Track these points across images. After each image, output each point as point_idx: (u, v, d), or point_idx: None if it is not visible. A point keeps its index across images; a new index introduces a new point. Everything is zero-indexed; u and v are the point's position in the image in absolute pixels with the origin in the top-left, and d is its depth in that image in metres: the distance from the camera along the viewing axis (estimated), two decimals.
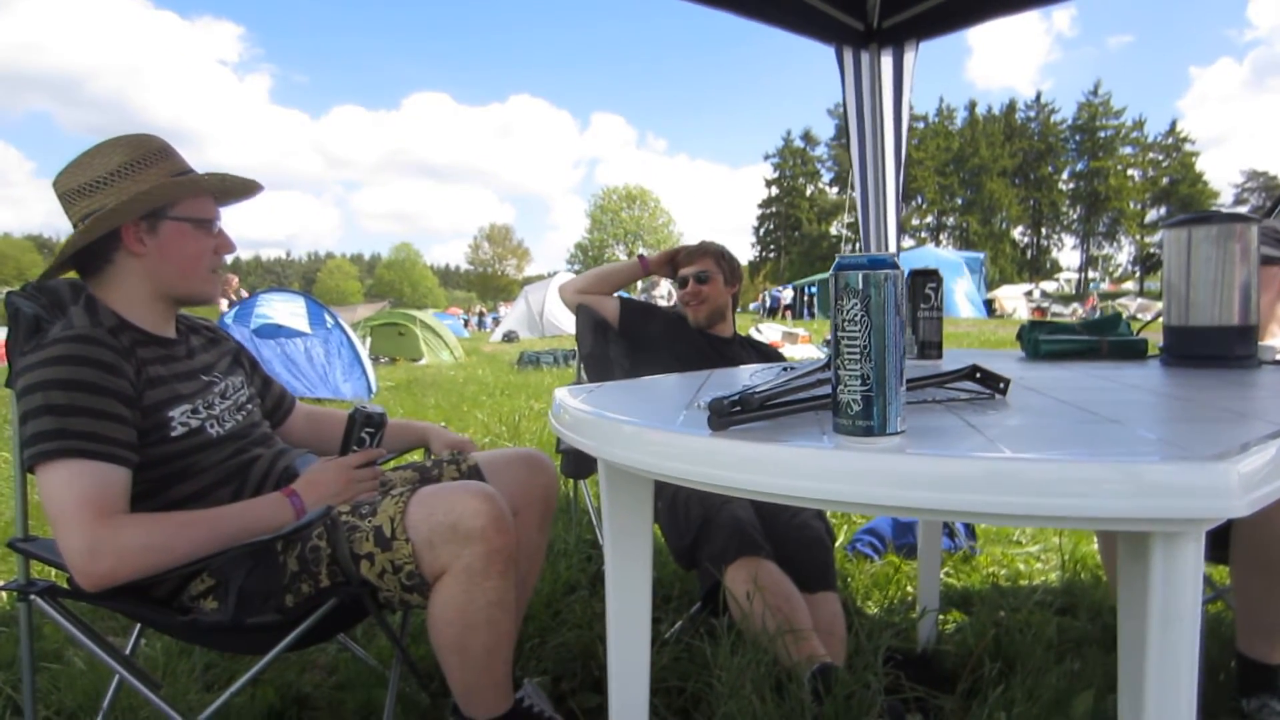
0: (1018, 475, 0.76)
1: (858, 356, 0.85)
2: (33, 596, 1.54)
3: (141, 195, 1.56)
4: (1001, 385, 1.17)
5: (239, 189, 1.76)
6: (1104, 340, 1.85)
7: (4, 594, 2.94)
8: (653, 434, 1.01)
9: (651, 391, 1.45)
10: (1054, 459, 0.78)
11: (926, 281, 1.81)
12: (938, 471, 0.79)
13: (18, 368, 1.50)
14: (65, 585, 1.51)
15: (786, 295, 38.42)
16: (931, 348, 1.84)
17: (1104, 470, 0.74)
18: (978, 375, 1.20)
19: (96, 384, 1.46)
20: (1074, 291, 55.49)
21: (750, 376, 1.55)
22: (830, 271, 0.87)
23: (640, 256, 2.70)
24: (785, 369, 1.49)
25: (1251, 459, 0.75)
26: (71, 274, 1.68)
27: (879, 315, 0.84)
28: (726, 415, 0.93)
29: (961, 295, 28.02)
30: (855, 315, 0.85)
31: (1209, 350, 1.64)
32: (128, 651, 1.83)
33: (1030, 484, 0.75)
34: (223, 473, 1.65)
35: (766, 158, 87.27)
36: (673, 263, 2.70)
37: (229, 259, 1.79)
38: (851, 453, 0.83)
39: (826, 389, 0.91)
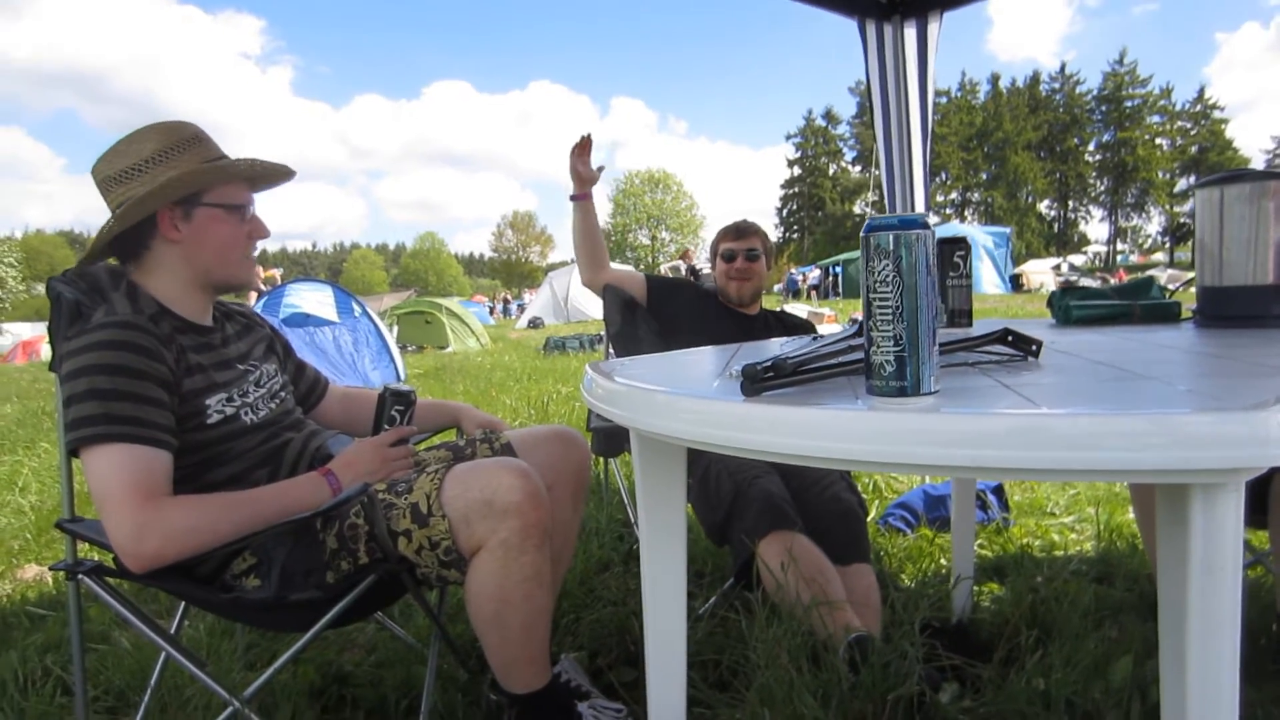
0: (1053, 430, 0.76)
1: (890, 317, 0.85)
2: (80, 576, 1.58)
3: (174, 181, 1.58)
4: (1034, 348, 1.17)
5: (272, 174, 1.78)
6: (1136, 304, 1.84)
7: (50, 579, 3.02)
8: (686, 402, 1.01)
9: (682, 363, 1.45)
10: (1089, 412, 0.78)
11: (955, 249, 1.80)
12: (973, 429, 0.79)
13: (61, 352, 1.54)
14: (112, 565, 1.54)
15: (812, 275, 38.19)
16: (962, 315, 1.82)
17: (1141, 423, 0.74)
18: (1009, 338, 1.19)
19: (140, 369, 1.48)
20: (1102, 264, 54.78)
21: (781, 347, 1.55)
22: (862, 233, 0.87)
23: (572, 197, 2.61)
24: (815, 339, 1.49)
25: None
26: (111, 260, 1.71)
27: (911, 275, 0.84)
28: (760, 381, 0.94)
29: (985, 277, 27.71)
30: (887, 276, 0.85)
31: (1244, 310, 1.63)
32: (172, 631, 1.86)
33: (1066, 438, 0.75)
34: (258, 457, 1.68)
35: (788, 138, 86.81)
36: (580, 162, 2.56)
37: (260, 246, 1.82)
38: (886, 413, 0.84)
39: (859, 354, 0.91)
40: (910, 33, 3.72)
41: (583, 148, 2.55)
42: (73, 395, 1.46)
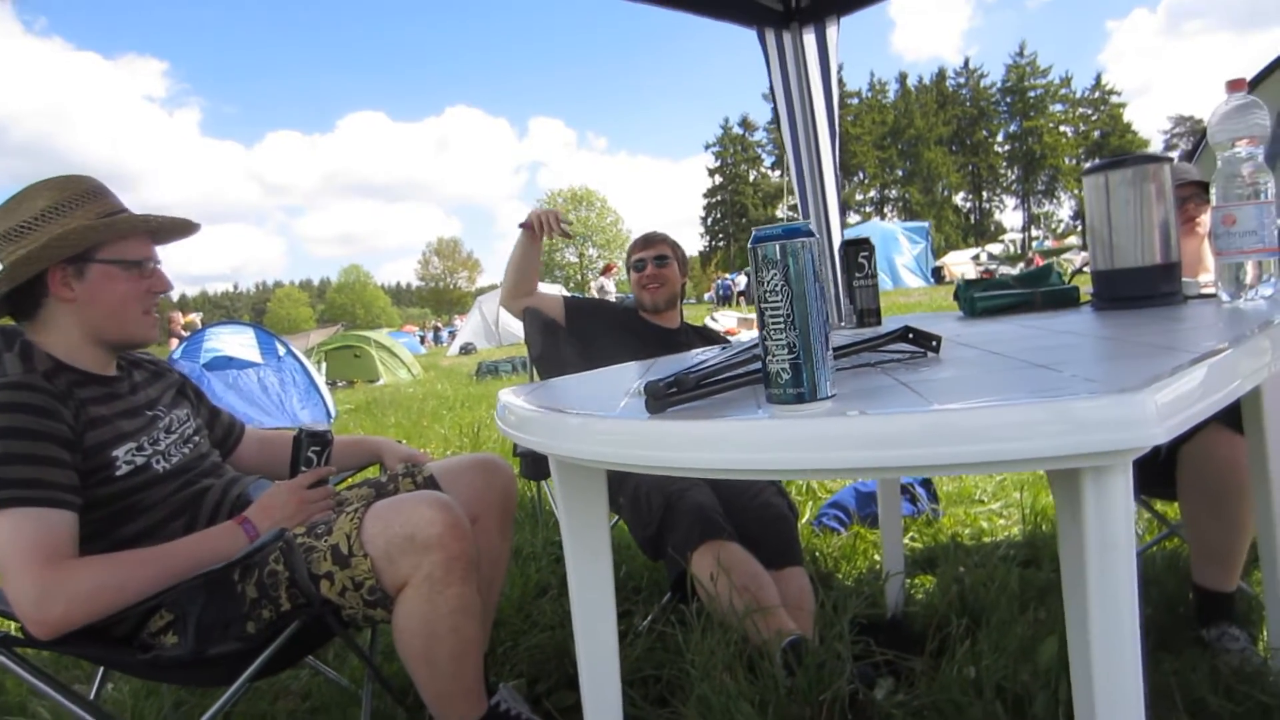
0: (945, 425, 0.77)
1: (782, 325, 0.86)
2: None
3: (59, 238, 1.53)
4: (934, 343, 1.19)
5: (173, 228, 1.73)
6: (1037, 292, 1.89)
7: None
8: (596, 423, 1.01)
9: (596, 383, 1.45)
10: (979, 405, 0.79)
11: (859, 250, 1.83)
12: (869, 430, 0.80)
13: None
14: (20, 635, 1.48)
15: (740, 281, 38.60)
16: (870, 315, 1.86)
17: (1030, 411, 0.75)
18: (910, 336, 1.22)
19: (33, 429, 1.43)
20: (1019, 251, 56.26)
21: (692, 359, 1.56)
22: (749, 245, 0.88)
23: (522, 225, 2.63)
24: (723, 349, 1.50)
25: (1168, 387, 0.77)
26: (6, 320, 1.65)
27: (799, 283, 0.85)
28: (663, 397, 0.94)
29: (903, 268, 28.31)
30: (776, 285, 0.86)
31: (1135, 291, 1.68)
32: (92, 695, 1.79)
33: (960, 432, 0.76)
34: (173, 506, 1.63)
35: (707, 147, 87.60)
36: (547, 222, 2.59)
37: (174, 296, 1.77)
38: (785, 420, 0.85)
39: (759, 365, 0.92)
40: (809, 39, 3.78)
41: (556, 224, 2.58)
42: None
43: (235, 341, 9.54)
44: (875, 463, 0.80)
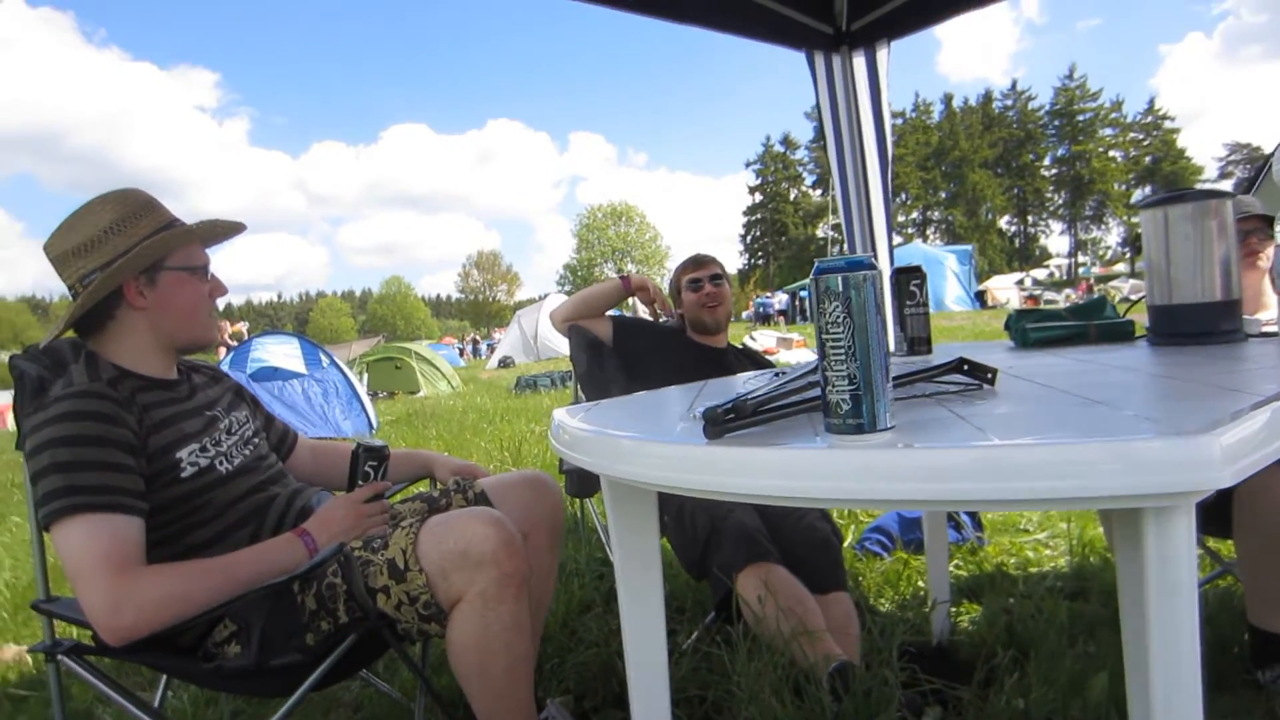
0: (1005, 461, 0.78)
1: (843, 357, 0.87)
2: (60, 656, 1.56)
3: (143, 249, 1.59)
4: (989, 375, 1.20)
5: (225, 231, 1.80)
6: (1091, 325, 1.88)
7: (30, 657, 2.96)
8: (651, 447, 1.03)
9: (648, 405, 1.47)
10: (1039, 443, 0.80)
11: (911, 278, 1.84)
12: (928, 463, 0.81)
13: (24, 429, 1.53)
14: (90, 643, 1.52)
15: (778, 301, 38.51)
16: (921, 343, 1.86)
17: (1089, 451, 0.76)
18: (965, 367, 1.22)
19: (100, 437, 1.47)
20: (1065, 277, 55.55)
21: (744, 384, 1.57)
22: (810, 277, 0.90)
23: (622, 277, 2.72)
24: (777, 374, 1.51)
25: (1234, 430, 0.77)
26: (69, 333, 1.70)
27: (861, 315, 0.86)
28: (721, 423, 0.96)
29: (950, 297, 28.08)
30: (838, 317, 0.87)
31: (1194, 328, 1.67)
32: (156, 704, 1.84)
33: (1018, 469, 0.77)
34: (240, 513, 1.67)
35: (748, 165, 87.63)
36: (646, 291, 2.70)
37: (220, 304, 1.82)
38: (844, 451, 0.86)
39: (817, 391, 0.93)
40: (859, 62, 3.79)
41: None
42: (37, 472, 1.46)
43: (280, 352, 9.70)
44: (935, 495, 0.81)
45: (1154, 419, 0.94)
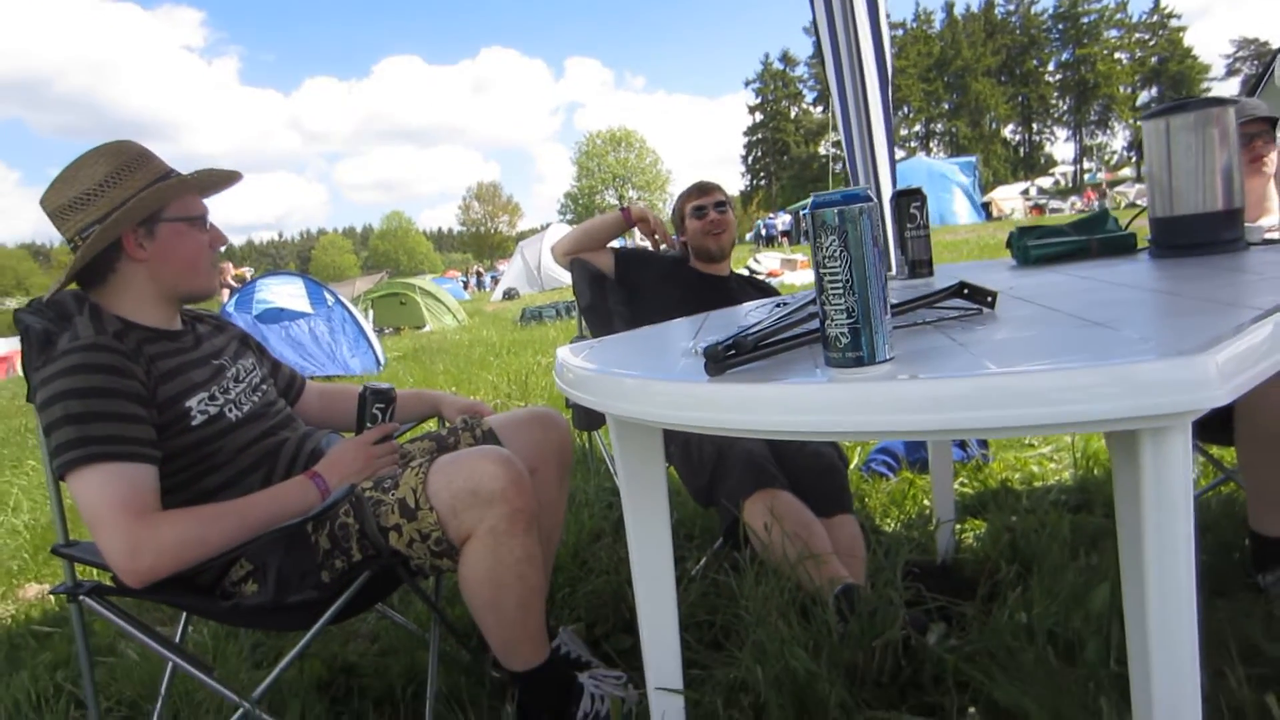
0: (1003, 388, 0.79)
1: (841, 290, 0.87)
2: (82, 597, 1.60)
3: (140, 201, 1.59)
4: (989, 299, 1.20)
5: (221, 180, 1.79)
6: (1092, 239, 1.87)
7: (51, 596, 3.04)
8: (654, 385, 1.04)
9: (651, 341, 1.48)
10: (1036, 369, 0.80)
11: (910, 201, 1.82)
12: (928, 393, 0.82)
13: (34, 382, 1.54)
14: (110, 584, 1.56)
15: (781, 221, 38.18)
16: (922, 266, 1.86)
17: (1086, 375, 0.77)
18: (965, 291, 1.22)
19: (109, 388, 1.49)
20: (1071, 184, 54.88)
21: (746, 315, 1.58)
22: (806, 210, 0.90)
23: (623, 209, 2.70)
24: (779, 304, 1.52)
25: (1228, 348, 0.77)
26: (72, 286, 1.71)
27: (857, 248, 0.86)
28: (722, 360, 0.97)
29: (955, 210, 27.80)
30: (835, 251, 0.87)
31: (1196, 238, 1.66)
32: (177, 639, 1.89)
33: (1015, 396, 0.78)
34: (251, 458, 1.70)
35: (747, 84, 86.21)
36: (647, 223, 2.68)
37: (222, 249, 1.82)
38: (844, 384, 0.87)
39: (817, 323, 0.94)
40: None
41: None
42: (50, 424, 1.48)
43: (285, 292, 9.68)
44: (935, 425, 0.82)
45: (1150, 339, 0.94)
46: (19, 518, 4.45)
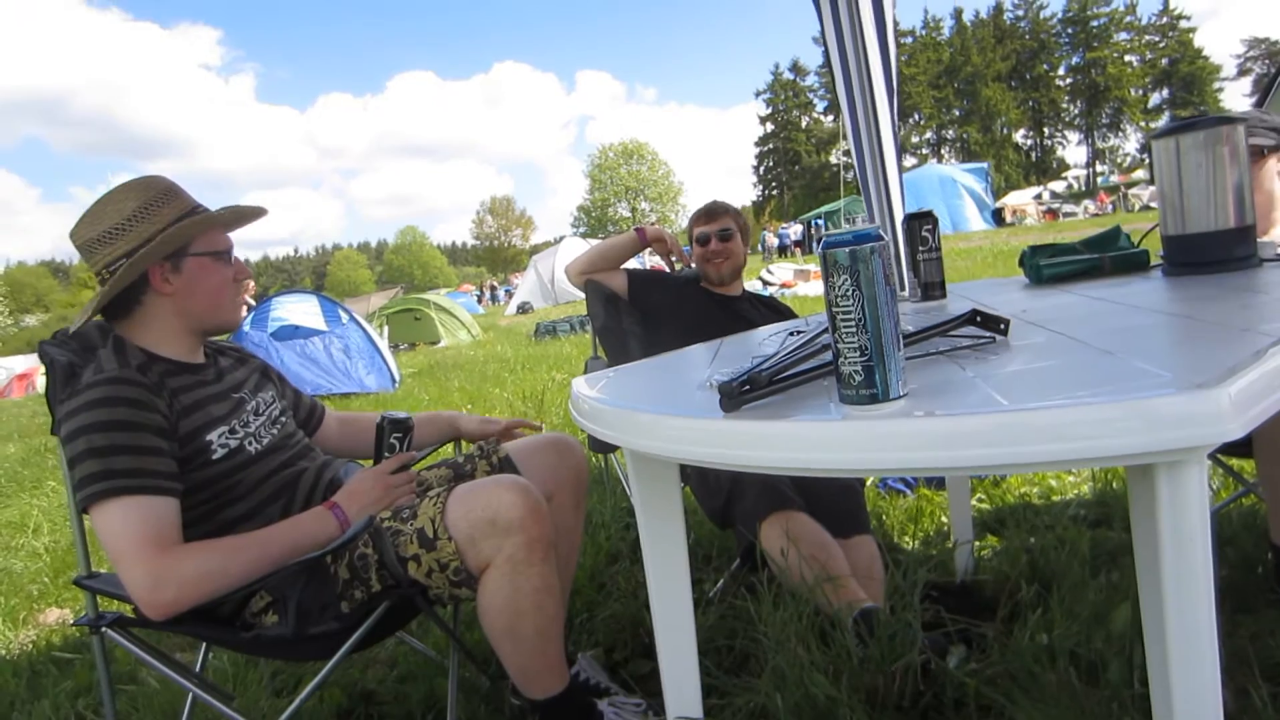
0: (1017, 425, 0.79)
1: (854, 329, 0.88)
2: (104, 629, 1.62)
3: (167, 236, 1.62)
4: (1002, 326, 1.20)
5: (247, 216, 1.82)
6: (1105, 258, 1.87)
7: (73, 620, 3.07)
8: (669, 421, 1.05)
9: (665, 372, 1.48)
10: (1049, 405, 0.80)
11: (922, 224, 1.83)
12: (942, 431, 0.82)
13: (59, 415, 1.57)
14: (131, 615, 1.58)
15: (794, 231, 38.16)
16: (935, 288, 1.86)
17: (1099, 411, 0.77)
18: (978, 319, 1.22)
19: (132, 421, 1.51)
20: (1084, 188, 54.55)
21: (760, 344, 1.58)
22: (819, 250, 0.90)
23: (638, 229, 2.71)
24: (793, 332, 1.52)
25: (1241, 380, 0.77)
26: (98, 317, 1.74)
27: (869, 287, 0.87)
28: (737, 396, 0.97)
29: (971, 211, 27.73)
30: (847, 290, 0.88)
31: (1208, 256, 1.65)
32: (197, 667, 1.90)
33: (1030, 432, 0.78)
34: (270, 489, 1.71)
35: (758, 94, 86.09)
36: (663, 243, 2.69)
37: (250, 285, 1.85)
38: (859, 422, 0.87)
39: (830, 355, 0.94)
40: None
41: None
42: (74, 456, 1.50)
43: (300, 310, 9.74)
44: (951, 463, 0.83)
45: (1164, 370, 0.94)
46: (39, 540, 4.49)
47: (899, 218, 3.50)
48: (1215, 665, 0.85)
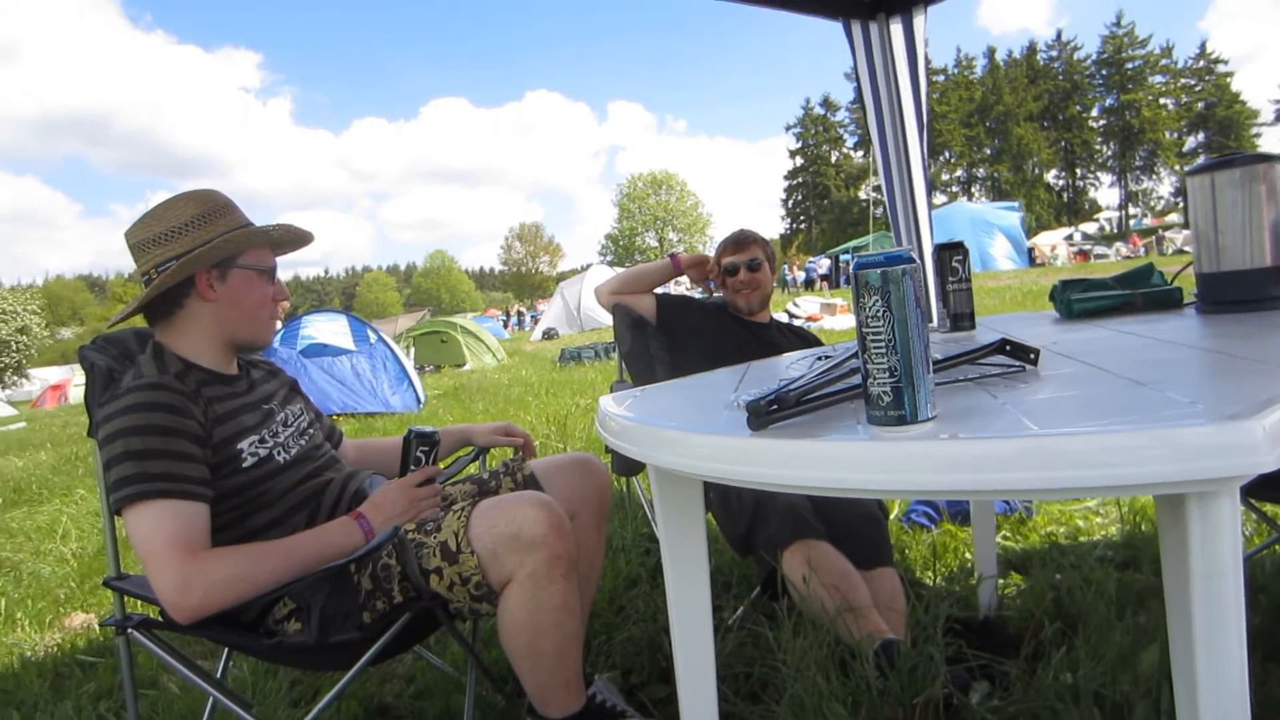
0: (1047, 450, 0.79)
1: (884, 350, 0.88)
2: (130, 630, 1.63)
3: (220, 243, 1.66)
4: (1032, 356, 1.20)
5: (295, 239, 1.86)
6: (1137, 294, 1.86)
7: (97, 625, 3.10)
8: (696, 438, 1.05)
9: (693, 392, 1.48)
10: (1080, 431, 0.80)
11: (952, 255, 1.82)
12: (970, 454, 0.82)
13: (97, 418, 1.61)
14: (157, 617, 1.60)
15: (822, 265, 38.12)
16: (964, 319, 1.85)
17: (1131, 439, 0.76)
18: (1007, 348, 1.22)
19: (168, 427, 1.54)
20: (1116, 230, 54.19)
21: (787, 368, 1.58)
22: (850, 270, 0.91)
23: (672, 256, 2.74)
24: (820, 358, 1.52)
25: (1276, 413, 0.76)
26: (137, 321, 1.77)
27: (900, 309, 0.87)
28: (765, 415, 0.97)
29: (998, 249, 27.59)
30: (878, 311, 0.88)
31: (1243, 294, 1.64)
32: (219, 674, 1.92)
33: (1058, 457, 0.78)
34: (297, 498, 1.74)
35: (788, 128, 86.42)
36: (701, 266, 2.72)
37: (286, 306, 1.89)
38: (886, 443, 0.87)
39: (859, 378, 0.95)
40: (897, 28, 3.72)
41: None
42: (110, 459, 1.52)
43: (329, 329, 9.86)
44: (977, 485, 0.82)
45: (1197, 401, 0.93)
46: (67, 545, 4.55)
47: (928, 250, 3.50)
48: (1246, 708, 0.83)
